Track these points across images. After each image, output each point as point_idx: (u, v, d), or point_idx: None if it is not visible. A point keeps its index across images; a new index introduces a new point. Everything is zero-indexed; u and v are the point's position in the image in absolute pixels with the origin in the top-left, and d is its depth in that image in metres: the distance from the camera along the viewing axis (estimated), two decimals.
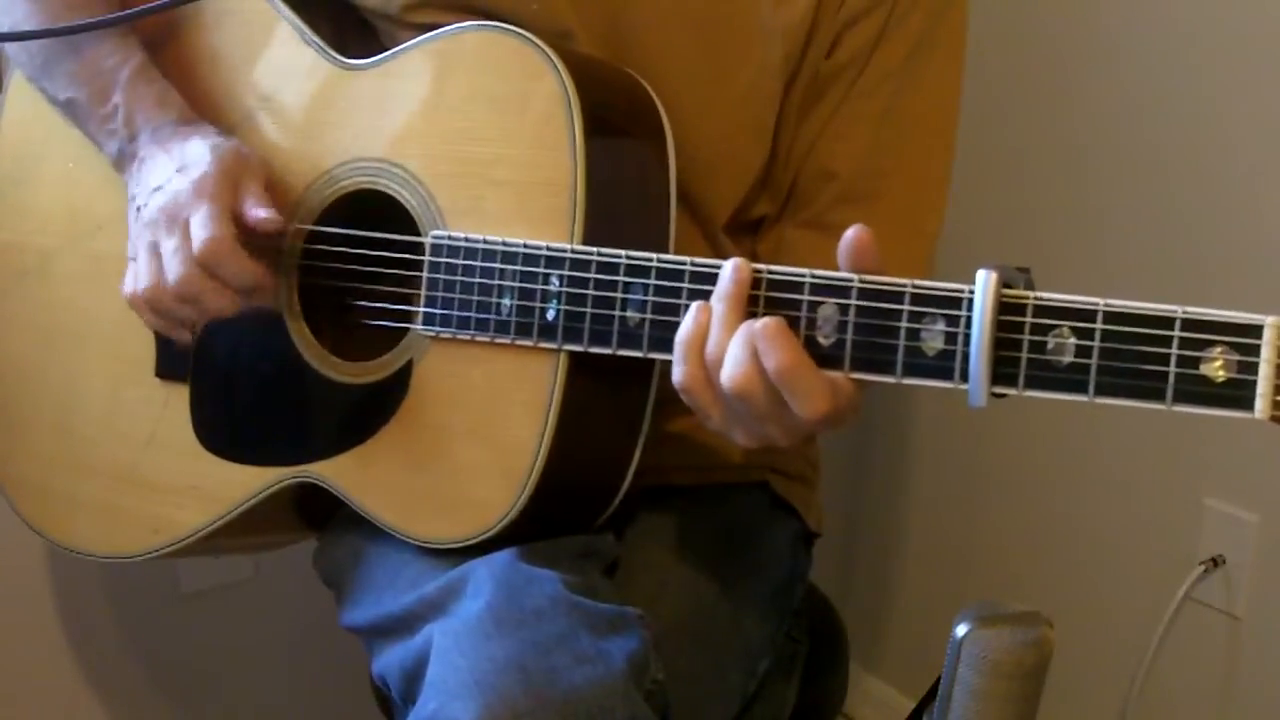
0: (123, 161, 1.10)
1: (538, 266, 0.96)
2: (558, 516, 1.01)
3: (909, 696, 1.98)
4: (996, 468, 1.85)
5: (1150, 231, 1.60)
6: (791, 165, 1.14)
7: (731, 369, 0.86)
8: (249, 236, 1.02)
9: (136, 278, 1.05)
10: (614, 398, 1.00)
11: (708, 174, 1.09)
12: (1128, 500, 1.66)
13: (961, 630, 0.81)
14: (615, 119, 1.00)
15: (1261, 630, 1.55)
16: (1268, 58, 1.46)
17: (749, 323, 0.86)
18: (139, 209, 1.05)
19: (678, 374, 0.90)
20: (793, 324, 0.87)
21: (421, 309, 1.01)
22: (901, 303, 0.84)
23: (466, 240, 0.99)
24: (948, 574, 1.95)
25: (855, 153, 1.11)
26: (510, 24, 1.01)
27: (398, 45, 1.06)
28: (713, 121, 1.09)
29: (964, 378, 0.82)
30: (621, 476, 1.01)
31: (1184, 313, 0.76)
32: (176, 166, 1.04)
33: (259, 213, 1.02)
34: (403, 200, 1.04)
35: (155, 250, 1.03)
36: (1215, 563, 1.56)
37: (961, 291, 0.82)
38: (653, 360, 0.95)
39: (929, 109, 1.12)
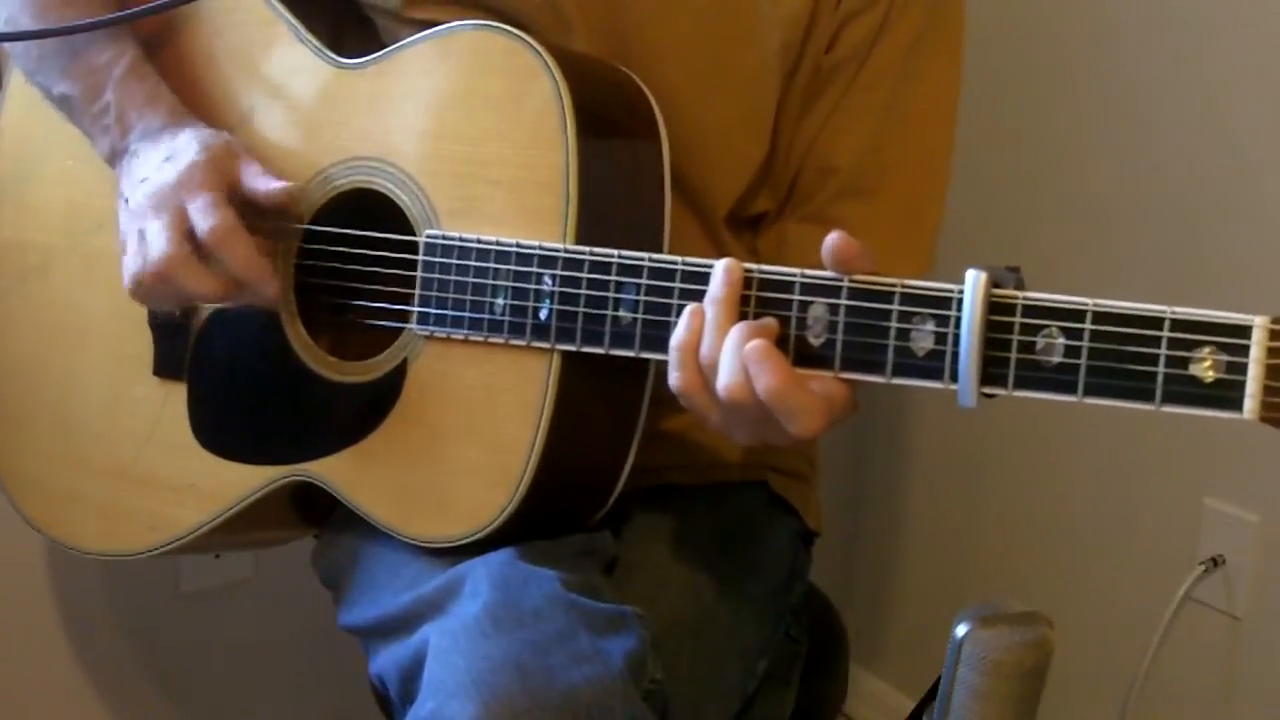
0: (115, 158, 1.10)
1: (531, 266, 0.96)
2: (553, 515, 1.01)
3: (909, 696, 1.97)
4: (997, 467, 1.85)
5: (1150, 226, 1.59)
6: (792, 162, 1.14)
7: (725, 379, 0.86)
8: (254, 223, 1.02)
9: (127, 267, 1.04)
10: (609, 397, 1.00)
11: (708, 165, 1.09)
12: (1128, 500, 1.66)
13: (961, 630, 0.81)
14: (609, 118, 1.00)
15: (1261, 630, 1.54)
16: (1269, 52, 1.46)
17: (740, 330, 0.86)
18: (126, 200, 1.05)
19: (674, 379, 0.90)
20: (783, 324, 0.87)
21: (416, 308, 1.01)
22: (891, 303, 0.84)
23: (460, 240, 0.99)
24: (948, 574, 1.95)
25: (856, 147, 1.11)
26: (512, 18, 1.02)
27: (396, 42, 1.06)
28: (713, 112, 1.09)
29: (953, 378, 0.82)
30: (617, 475, 1.01)
31: (1173, 313, 0.76)
32: (164, 157, 1.03)
33: (271, 184, 1.02)
34: (398, 200, 1.03)
35: (142, 236, 1.03)
36: (1215, 563, 1.56)
37: (951, 292, 0.82)
38: (647, 359, 0.95)
39: (930, 102, 1.13)
